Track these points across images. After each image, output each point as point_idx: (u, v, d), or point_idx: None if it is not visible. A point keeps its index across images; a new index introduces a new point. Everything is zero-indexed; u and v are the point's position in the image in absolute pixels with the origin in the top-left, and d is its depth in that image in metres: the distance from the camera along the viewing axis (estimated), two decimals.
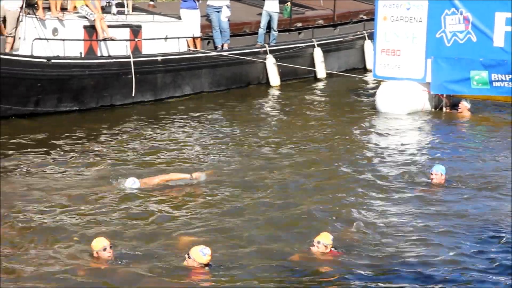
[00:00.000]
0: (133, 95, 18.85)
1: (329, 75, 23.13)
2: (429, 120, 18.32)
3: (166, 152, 15.07)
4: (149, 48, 19.46)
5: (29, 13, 17.75)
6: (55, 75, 17.55)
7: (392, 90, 18.88)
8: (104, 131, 16.66)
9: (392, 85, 19.02)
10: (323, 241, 9.80)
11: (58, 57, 17.73)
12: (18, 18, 17.41)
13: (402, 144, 15.86)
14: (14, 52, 17.41)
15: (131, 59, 18.72)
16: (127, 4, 19.84)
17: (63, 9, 18.61)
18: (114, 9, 19.49)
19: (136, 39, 19.24)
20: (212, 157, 14.71)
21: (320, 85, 22.63)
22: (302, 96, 21.06)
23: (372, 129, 17.39)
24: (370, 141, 16.31)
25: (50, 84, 17.54)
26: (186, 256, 9.17)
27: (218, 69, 20.83)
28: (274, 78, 21.93)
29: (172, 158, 14.58)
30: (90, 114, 17.98)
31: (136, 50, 19.18)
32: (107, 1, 19.40)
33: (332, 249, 9.84)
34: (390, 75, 19.35)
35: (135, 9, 20.47)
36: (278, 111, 19.48)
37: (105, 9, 19.15)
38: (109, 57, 18.69)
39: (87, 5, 18.44)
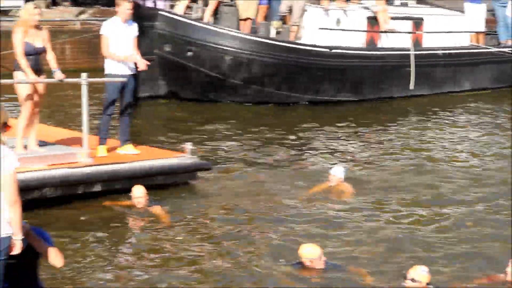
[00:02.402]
0: (411, 88, 18.69)
1: None
2: None
3: (427, 150, 14.26)
4: (430, 41, 19.19)
5: (313, 3, 18.12)
6: (335, 64, 17.78)
7: None
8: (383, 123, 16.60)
9: None
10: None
11: (339, 47, 17.94)
12: (303, 8, 17.81)
13: None
14: (297, 41, 17.84)
15: (412, 52, 18.55)
16: None
17: None
18: (397, 1, 19.41)
19: (418, 32, 19.03)
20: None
21: None
22: None
23: None
24: None
25: (330, 74, 17.79)
26: (410, 280, 7.80)
27: (501, 66, 20.13)
28: None
29: (438, 157, 13.72)
30: (367, 105, 18.08)
31: (416, 43, 18.98)
32: None
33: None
34: None
35: (419, 1, 20.29)
36: None
37: (388, 1, 19.11)
38: (389, 49, 18.64)
39: None
